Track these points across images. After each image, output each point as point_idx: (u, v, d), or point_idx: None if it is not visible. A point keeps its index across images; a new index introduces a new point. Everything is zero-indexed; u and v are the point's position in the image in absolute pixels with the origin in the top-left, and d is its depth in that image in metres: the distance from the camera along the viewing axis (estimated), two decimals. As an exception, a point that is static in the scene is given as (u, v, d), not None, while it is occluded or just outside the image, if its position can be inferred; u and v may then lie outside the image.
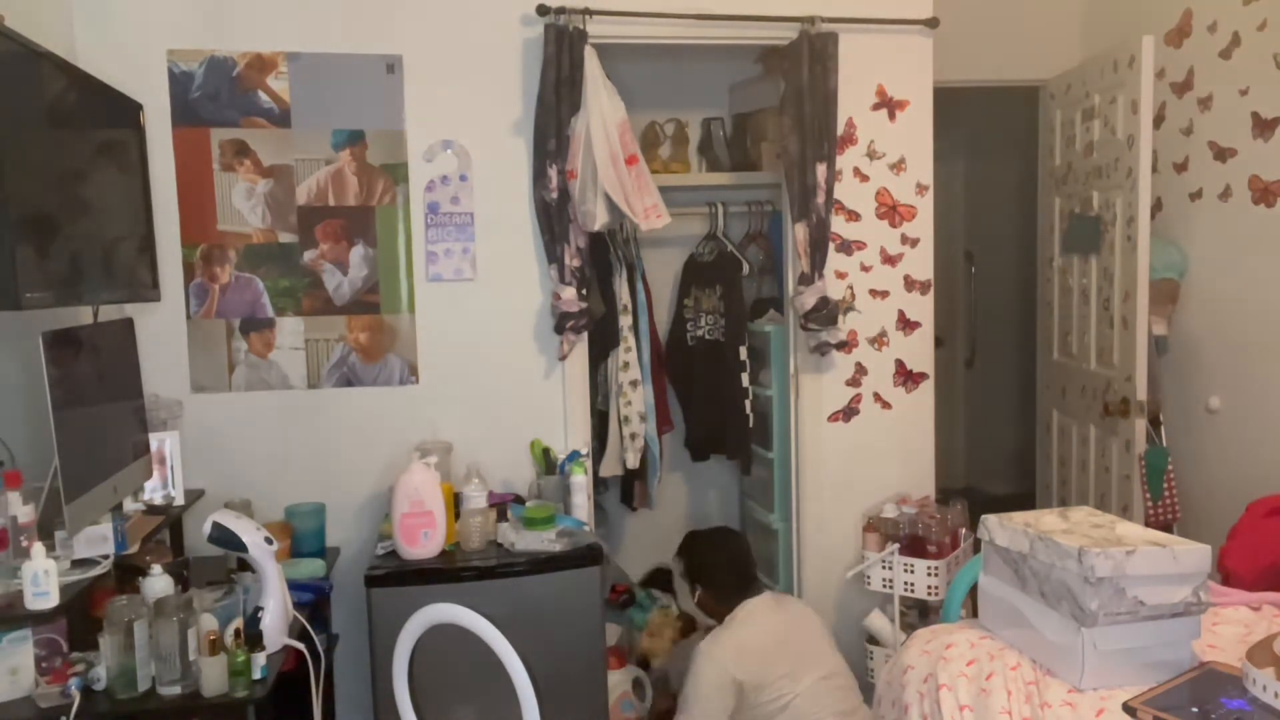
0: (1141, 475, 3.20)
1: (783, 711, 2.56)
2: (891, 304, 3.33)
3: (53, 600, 1.92)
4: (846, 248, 3.28)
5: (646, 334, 3.58)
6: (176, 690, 2.02)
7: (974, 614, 2.30)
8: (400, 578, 2.54)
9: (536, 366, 3.12)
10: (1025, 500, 4.20)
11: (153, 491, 2.61)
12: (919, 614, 3.21)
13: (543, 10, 2.92)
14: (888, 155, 3.28)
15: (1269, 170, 2.99)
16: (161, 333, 2.85)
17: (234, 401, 2.95)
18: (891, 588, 3.11)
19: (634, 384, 3.49)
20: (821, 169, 3.09)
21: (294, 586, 2.42)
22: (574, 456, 2.94)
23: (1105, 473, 3.48)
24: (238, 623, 2.09)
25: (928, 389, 3.39)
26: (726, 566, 2.84)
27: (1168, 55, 3.39)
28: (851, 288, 3.30)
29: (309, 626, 2.34)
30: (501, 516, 2.79)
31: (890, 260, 3.32)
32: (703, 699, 2.58)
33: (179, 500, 2.66)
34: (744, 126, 3.84)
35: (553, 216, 2.97)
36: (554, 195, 2.94)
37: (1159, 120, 3.42)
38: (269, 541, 2.20)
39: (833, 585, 3.29)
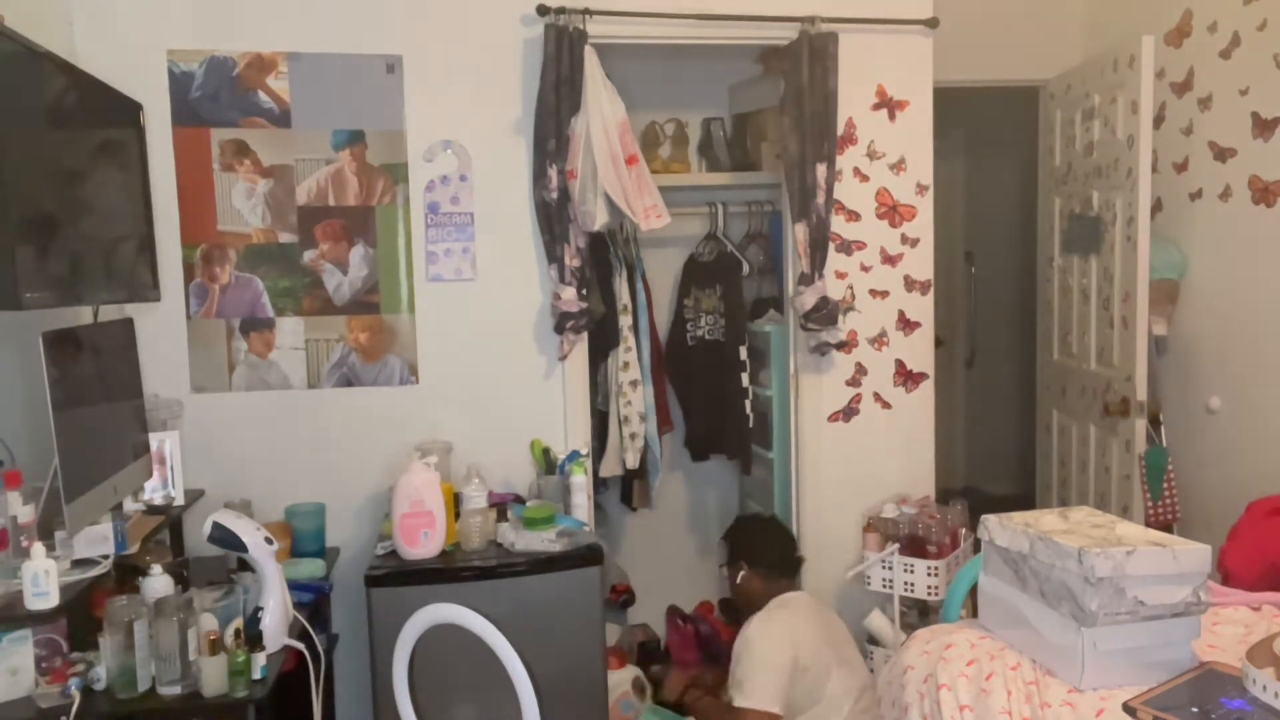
0: (1141, 475, 3.20)
1: (814, 705, 2.57)
2: (891, 304, 3.33)
3: (53, 600, 1.92)
4: (846, 248, 3.28)
5: (646, 334, 3.58)
6: (176, 690, 2.02)
7: (974, 614, 2.30)
8: (400, 578, 2.54)
9: (536, 366, 3.12)
10: (1025, 500, 4.20)
11: (153, 491, 2.61)
12: (919, 614, 3.21)
13: (543, 10, 2.92)
14: (888, 155, 3.28)
15: (1269, 170, 2.99)
16: (161, 333, 2.85)
17: (234, 401, 2.95)
18: (891, 588, 3.11)
19: (634, 384, 3.49)
20: (821, 169, 3.09)
21: (294, 586, 2.42)
22: (574, 456, 2.94)
23: (1105, 473, 3.48)
24: (238, 623, 2.09)
25: (928, 389, 3.39)
26: (774, 547, 2.91)
27: (1168, 55, 3.39)
28: (851, 288, 3.30)
29: (309, 626, 2.35)
30: (501, 516, 2.79)
31: (890, 260, 3.32)
32: (759, 677, 2.55)
33: (179, 500, 2.66)
34: (744, 126, 3.83)
35: (553, 216, 2.97)
36: (554, 195, 2.94)
37: (1159, 120, 3.42)
38: (269, 541, 2.20)
39: (833, 585, 3.29)
